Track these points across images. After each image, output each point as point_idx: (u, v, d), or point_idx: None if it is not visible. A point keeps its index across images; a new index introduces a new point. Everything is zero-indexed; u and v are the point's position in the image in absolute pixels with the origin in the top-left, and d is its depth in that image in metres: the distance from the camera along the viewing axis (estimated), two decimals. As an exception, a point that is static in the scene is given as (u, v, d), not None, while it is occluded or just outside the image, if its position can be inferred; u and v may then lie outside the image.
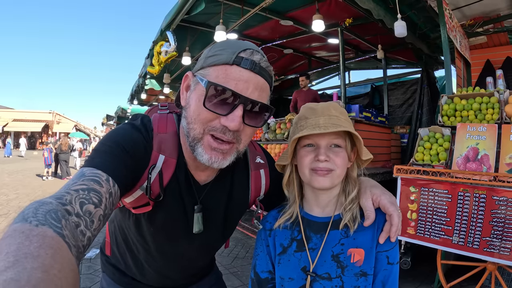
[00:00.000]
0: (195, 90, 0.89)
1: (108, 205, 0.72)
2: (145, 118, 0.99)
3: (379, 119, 5.25)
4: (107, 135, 0.90)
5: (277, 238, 1.08)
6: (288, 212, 1.07)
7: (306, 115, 1.00)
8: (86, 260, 4.22)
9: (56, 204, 0.59)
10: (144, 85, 8.19)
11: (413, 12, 4.73)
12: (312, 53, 7.94)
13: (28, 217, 0.52)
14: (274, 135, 5.19)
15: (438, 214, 2.76)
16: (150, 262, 1.11)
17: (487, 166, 2.67)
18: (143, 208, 0.95)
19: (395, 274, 0.97)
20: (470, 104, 3.13)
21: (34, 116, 39.22)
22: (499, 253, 2.46)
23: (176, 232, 1.03)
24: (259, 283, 1.09)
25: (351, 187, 1.04)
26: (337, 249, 0.99)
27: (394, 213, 0.95)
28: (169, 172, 0.95)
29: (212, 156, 0.88)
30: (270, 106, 0.92)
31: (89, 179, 0.72)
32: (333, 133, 0.97)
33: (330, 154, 0.97)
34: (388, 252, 0.97)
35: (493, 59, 4.87)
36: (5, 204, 7.52)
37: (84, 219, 0.63)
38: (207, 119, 0.86)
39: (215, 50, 0.89)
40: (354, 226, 0.98)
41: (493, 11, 4.51)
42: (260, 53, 0.89)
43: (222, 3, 4.69)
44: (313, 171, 0.98)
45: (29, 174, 14.04)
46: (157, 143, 0.94)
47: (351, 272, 0.96)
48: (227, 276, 3.82)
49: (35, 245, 0.45)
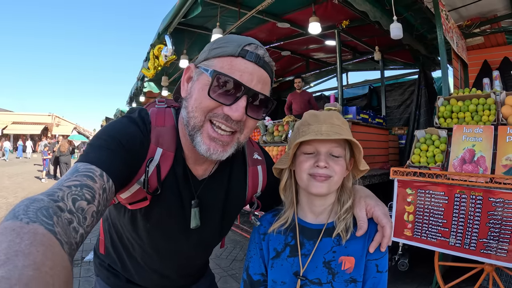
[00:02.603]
0: (198, 80, 0.89)
1: (102, 201, 0.71)
2: (142, 111, 0.99)
3: (377, 121, 5.25)
4: (103, 128, 0.89)
5: (271, 242, 1.09)
6: (283, 217, 1.08)
7: (308, 122, 1.01)
8: (85, 263, 4.22)
9: (47, 201, 0.58)
10: (142, 87, 8.19)
11: (409, 14, 4.74)
12: (310, 55, 7.96)
13: (18, 215, 0.51)
14: (272, 137, 5.19)
15: (435, 216, 2.76)
16: (146, 260, 1.10)
17: (483, 167, 2.67)
18: (140, 204, 0.94)
19: (383, 282, 0.99)
20: (467, 106, 3.13)
21: (34, 118, 39.19)
22: (496, 255, 2.46)
23: (172, 228, 1.03)
24: (251, 284, 1.10)
25: (346, 196, 1.06)
26: (329, 256, 1.01)
27: (387, 225, 0.97)
28: (166, 165, 0.94)
29: (210, 147, 0.88)
30: (272, 99, 0.93)
31: (83, 174, 0.71)
32: (333, 142, 0.99)
33: (330, 161, 0.98)
34: (378, 261, 0.99)
35: (490, 59, 4.87)
36: (4, 207, 7.52)
37: (76, 216, 0.62)
38: (209, 107, 0.86)
39: (220, 42, 0.89)
40: (346, 236, 1.00)
41: (490, 12, 4.52)
42: (263, 48, 0.91)
43: (219, 6, 4.71)
44: (312, 177, 0.99)
45: (29, 177, 14.04)
46: (155, 136, 0.93)
47: (341, 279, 0.98)
48: (225, 278, 3.82)
49: (26, 243, 0.44)
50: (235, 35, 0.94)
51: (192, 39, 5.99)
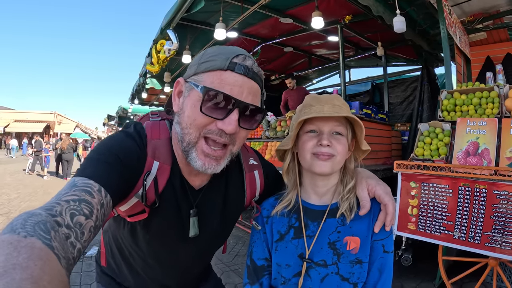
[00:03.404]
0: (189, 96, 0.90)
1: (100, 216, 0.72)
2: (138, 125, 1.00)
3: (380, 116, 5.24)
4: (100, 143, 0.90)
5: (274, 225, 1.10)
6: (286, 199, 1.09)
7: (311, 103, 1.03)
8: (87, 258, 4.23)
9: (45, 215, 0.59)
10: (145, 84, 8.17)
11: (412, 9, 4.71)
12: (312, 51, 7.93)
13: (16, 228, 0.51)
14: (274, 132, 5.19)
15: (439, 209, 2.75)
16: (147, 270, 1.11)
17: (487, 160, 2.66)
18: (139, 216, 0.95)
19: (390, 262, 1.00)
20: (470, 99, 3.12)
21: (36, 116, 39.21)
22: (501, 248, 2.45)
23: (172, 238, 1.03)
24: (255, 270, 1.10)
25: (348, 177, 1.08)
26: (333, 237, 1.01)
27: (389, 203, 0.98)
28: (164, 178, 0.95)
29: (205, 163, 0.90)
30: (263, 109, 0.95)
31: (81, 189, 0.71)
32: (336, 121, 1.01)
33: (332, 140, 1.00)
34: (384, 241, 1.00)
35: (493, 55, 4.86)
36: (6, 203, 7.53)
37: (74, 231, 0.62)
38: (203, 124, 0.88)
39: (207, 56, 0.91)
40: (350, 215, 1.01)
41: (493, 7, 4.50)
42: (251, 58, 0.92)
43: (222, 1, 4.68)
44: (315, 156, 1.00)
45: (31, 174, 14.06)
46: (151, 149, 0.94)
47: (346, 259, 0.98)
48: (228, 273, 3.83)
49: (24, 256, 0.45)
50: (222, 46, 0.96)
51: (195, 34, 5.96)
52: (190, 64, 0.97)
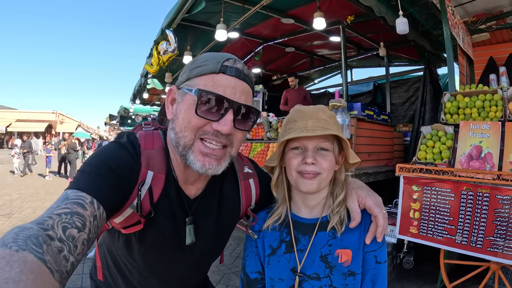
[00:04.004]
0: (183, 101, 0.91)
1: (93, 229, 0.71)
2: (131, 135, 0.99)
3: (382, 117, 5.22)
4: (93, 155, 0.90)
5: (266, 239, 1.10)
6: (277, 213, 1.09)
7: (295, 118, 1.02)
8: (88, 259, 4.22)
9: (37, 229, 0.58)
10: (146, 84, 8.18)
11: (415, 9, 4.68)
12: (314, 51, 7.91)
13: (8, 243, 0.51)
14: (276, 133, 5.18)
15: (441, 213, 2.73)
16: (143, 284, 1.10)
17: (490, 164, 2.63)
18: (134, 227, 0.94)
19: (383, 272, 0.99)
20: (473, 102, 3.09)
21: (37, 116, 39.37)
22: (503, 253, 2.43)
23: (168, 249, 1.03)
24: (248, 283, 1.11)
25: (339, 190, 1.07)
26: (325, 250, 1.01)
27: (379, 215, 0.98)
28: (158, 188, 0.94)
29: (205, 163, 0.90)
30: (257, 109, 0.95)
31: (73, 202, 0.71)
32: (321, 137, 0.99)
33: (318, 157, 0.99)
34: (376, 252, 1.00)
35: (496, 56, 4.81)
36: (8, 204, 7.55)
37: (67, 244, 0.62)
38: (198, 125, 0.88)
39: (199, 62, 0.92)
40: (341, 228, 1.01)
41: (496, 8, 4.46)
42: (241, 62, 0.94)
43: (223, 2, 4.67)
44: (300, 174, 1.00)
45: (33, 174, 14.09)
46: (145, 159, 0.94)
47: (339, 272, 0.98)
48: (229, 275, 3.82)
49: (16, 270, 0.44)
50: (211, 52, 0.97)
51: (196, 35, 5.96)
52: (181, 72, 0.98)
